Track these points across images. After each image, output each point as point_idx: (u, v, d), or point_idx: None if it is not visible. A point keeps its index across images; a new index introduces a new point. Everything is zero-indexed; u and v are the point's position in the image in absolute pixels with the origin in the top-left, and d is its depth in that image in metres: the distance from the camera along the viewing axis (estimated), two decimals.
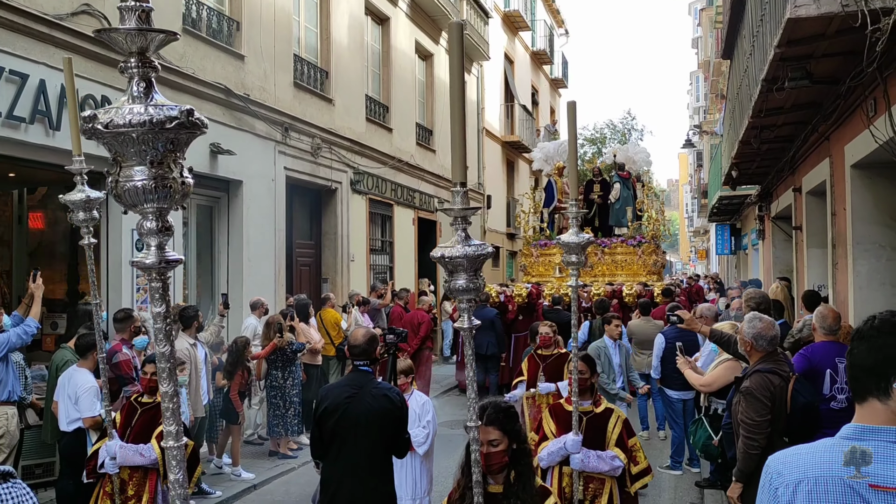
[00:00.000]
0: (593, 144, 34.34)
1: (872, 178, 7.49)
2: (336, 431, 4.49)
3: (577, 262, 4.19)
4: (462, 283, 2.35)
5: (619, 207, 16.20)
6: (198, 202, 10.67)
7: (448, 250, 2.32)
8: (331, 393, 4.68)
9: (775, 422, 4.49)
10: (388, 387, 4.77)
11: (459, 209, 2.33)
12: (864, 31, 5.21)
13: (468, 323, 2.40)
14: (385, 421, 4.49)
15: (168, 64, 9.34)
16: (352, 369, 4.83)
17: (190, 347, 7.83)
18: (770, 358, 4.63)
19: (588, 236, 4.14)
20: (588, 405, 4.80)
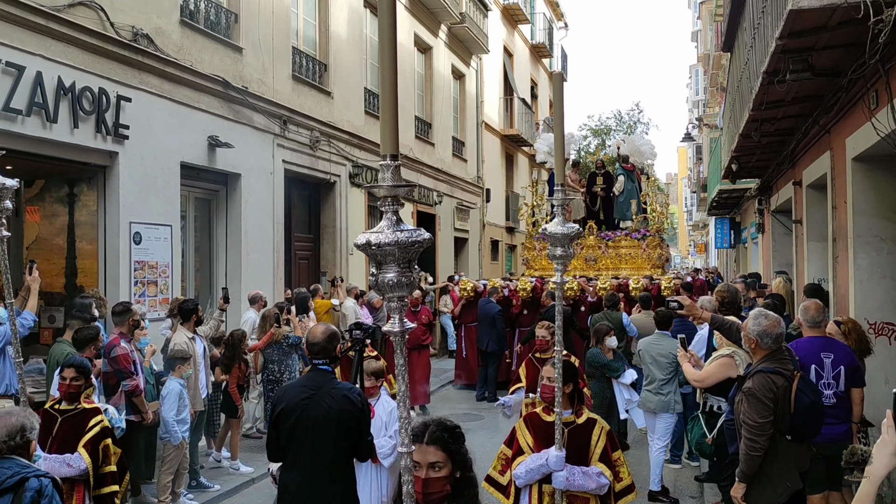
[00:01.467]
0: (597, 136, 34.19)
1: (874, 172, 7.46)
2: (293, 434, 4.24)
3: (564, 256, 3.84)
4: (392, 278, 2.02)
5: (623, 200, 16.00)
6: (196, 195, 10.64)
7: (375, 236, 1.99)
8: (287, 393, 4.41)
9: (778, 422, 4.45)
10: (347, 387, 4.48)
11: (389, 186, 2.00)
12: (866, 22, 5.18)
13: (399, 326, 2.06)
14: (344, 423, 4.22)
15: (166, 56, 9.29)
16: (310, 368, 4.58)
17: (188, 341, 7.80)
18: (774, 356, 4.56)
19: (575, 226, 3.87)
20: (569, 415, 4.43)
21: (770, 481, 4.49)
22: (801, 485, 4.49)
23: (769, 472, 4.48)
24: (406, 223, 2.04)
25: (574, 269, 14.94)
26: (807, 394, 4.41)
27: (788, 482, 4.46)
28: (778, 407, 4.44)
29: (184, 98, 9.70)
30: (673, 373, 7.72)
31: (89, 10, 8.24)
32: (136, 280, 8.92)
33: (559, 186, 3.84)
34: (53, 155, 8.18)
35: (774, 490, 4.48)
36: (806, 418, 4.42)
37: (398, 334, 2.07)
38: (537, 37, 30.13)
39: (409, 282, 2.06)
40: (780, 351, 4.61)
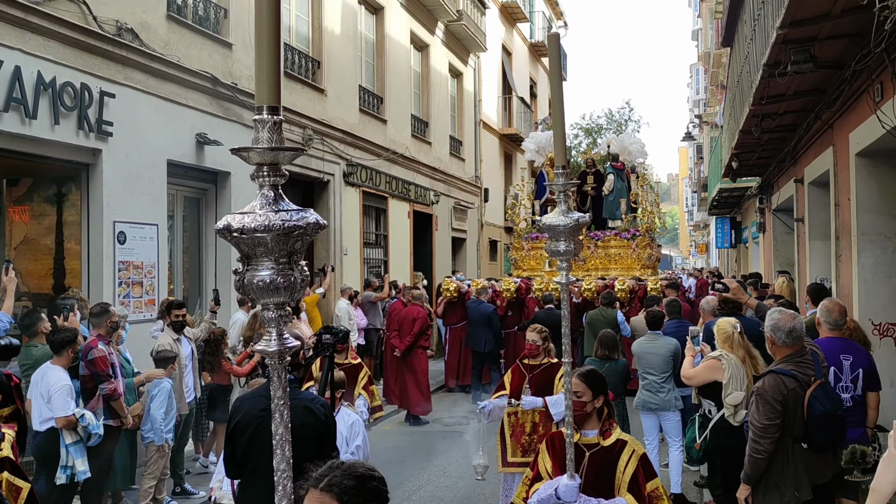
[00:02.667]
0: (588, 135, 33.97)
1: (878, 167, 7.27)
2: (250, 449, 3.92)
3: (566, 252, 3.26)
4: (265, 277, 1.54)
5: (612, 199, 15.86)
6: (184, 194, 10.42)
7: (239, 218, 1.53)
8: (244, 405, 4.08)
9: (790, 427, 4.27)
10: (310, 397, 4.15)
11: (264, 150, 1.56)
12: (871, 9, 4.97)
13: (277, 344, 1.59)
14: (306, 436, 3.91)
15: (152, 51, 9.07)
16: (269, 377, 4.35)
17: (173, 342, 7.59)
18: (793, 357, 4.38)
19: (580, 215, 3.30)
20: (594, 436, 3.85)
21: (777, 488, 4.34)
22: (810, 496, 4.27)
23: (777, 478, 4.33)
24: (288, 202, 1.58)
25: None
26: (821, 402, 4.19)
27: (797, 492, 4.28)
28: (787, 411, 4.26)
29: (170, 94, 9.48)
30: (668, 372, 7.55)
31: (71, 4, 8.02)
32: (120, 280, 8.70)
33: (560, 169, 3.30)
34: (33, 152, 7.96)
35: (782, 498, 4.33)
36: (820, 428, 4.20)
37: (275, 355, 1.59)
38: (536, 35, 29.93)
39: (291, 283, 1.55)
40: (801, 353, 4.41)
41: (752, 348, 5.79)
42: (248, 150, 1.56)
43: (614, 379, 7.02)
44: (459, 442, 10.15)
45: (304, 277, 1.62)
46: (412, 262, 17.65)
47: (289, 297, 1.58)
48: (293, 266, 1.58)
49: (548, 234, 3.34)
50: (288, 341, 1.61)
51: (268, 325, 1.61)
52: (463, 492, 8.00)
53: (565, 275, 3.37)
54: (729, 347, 5.72)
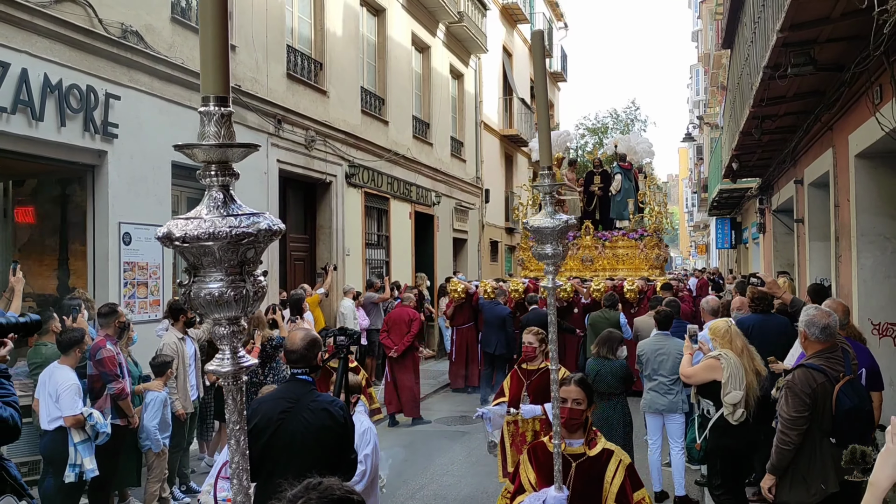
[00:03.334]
0: (594, 135, 34.03)
1: (877, 168, 7.32)
2: (267, 452, 3.83)
3: (553, 256, 3.14)
4: (214, 290, 1.39)
5: (620, 200, 15.83)
6: (188, 195, 10.47)
7: (182, 225, 1.37)
8: (261, 407, 3.97)
9: (818, 421, 4.36)
10: (329, 399, 4.06)
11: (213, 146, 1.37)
12: (870, 12, 5.03)
13: (230, 364, 1.44)
14: (325, 439, 3.84)
15: (156, 53, 9.14)
16: (288, 379, 4.17)
17: (178, 342, 7.66)
18: (824, 353, 4.47)
19: (566, 217, 3.17)
20: (579, 445, 3.72)
21: (804, 480, 4.45)
22: (836, 489, 4.37)
23: (805, 471, 4.44)
24: (240, 204, 1.44)
25: (570, 270, 14.73)
26: (849, 397, 4.29)
27: (823, 485, 4.39)
28: (816, 404, 4.36)
29: (175, 96, 9.54)
30: (677, 374, 7.52)
31: (76, 7, 8.09)
32: (125, 281, 8.76)
33: (545, 170, 3.13)
34: (40, 154, 8.02)
35: (808, 490, 4.43)
36: (849, 422, 4.29)
37: (229, 375, 1.43)
38: None
39: (242, 295, 1.39)
40: (833, 349, 4.50)
41: (747, 342, 5.85)
42: (193, 147, 1.38)
43: (612, 380, 6.90)
44: (462, 441, 10.22)
45: (258, 289, 1.46)
46: (413, 262, 17.71)
47: (241, 311, 1.42)
48: (245, 277, 1.42)
49: (534, 237, 3.22)
50: (243, 360, 1.44)
51: (220, 343, 1.43)
52: (465, 491, 8.05)
53: (552, 279, 3.23)
54: (728, 343, 5.77)
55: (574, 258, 14.97)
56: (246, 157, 1.49)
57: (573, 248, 15.10)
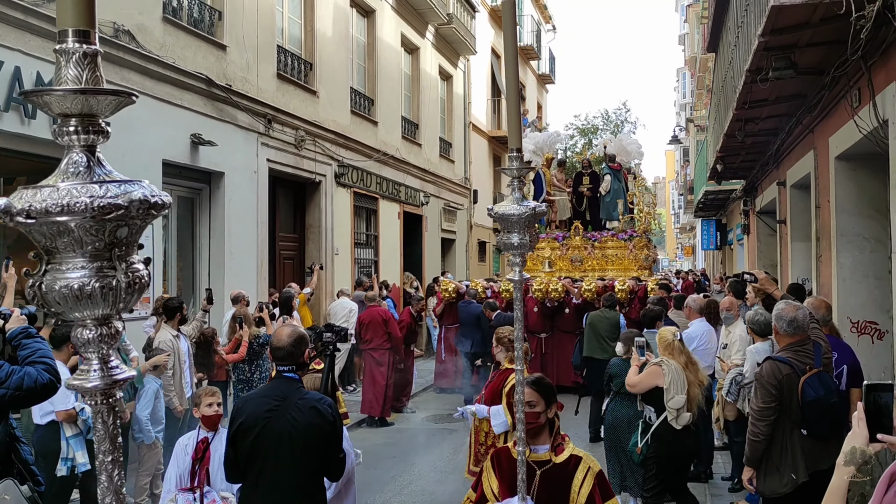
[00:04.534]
0: (584, 135, 34.18)
1: (856, 170, 7.48)
2: (254, 452, 3.74)
3: (520, 246, 2.85)
4: (72, 281, 1.07)
5: (609, 200, 15.85)
6: (179, 194, 10.54)
7: (31, 196, 1.07)
8: (247, 405, 3.89)
9: (787, 412, 4.50)
10: (317, 397, 3.95)
11: (74, 91, 1.08)
12: (848, 18, 5.18)
13: (99, 378, 1.11)
14: (313, 438, 3.75)
15: (148, 53, 9.20)
16: (274, 376, 4.07)
17: (172, 339, 7.73)
18: (793, 346, 4.61)
19: (534, 203, 2.89)
20: (545, 452, 3.47)
21: (777, 470, 4.61)
22: (806, 478, 4.53)
23: (777, 461, 4.60)
24: (111, 170, 1.14)
25: (559, 270, 14.82)
26: (814, 389, 4.41)
27: (794, 474, 4.53)
28: (783, 396, 4.50)
29: (166, 95, 9.61)
30: None
31: None
32: None
33: (514, 152, 2.88)
34: (32, 151, 8.07)
35: (780, 480, 4.59)
36: (815, 414, 4.42)
37: (97, 392, 1.11)
38: (525, 39, 30.12)
39: (112, 287, 1.07)
40: (804, 342, 4.62)
41: (692, 355, 5.99)
42: (45, 93, 1.07)
43: None
44: (449, 438, 10.32)
45: (135, 280, 1.13)
46: (402, 262, 17.81)
47: (111, 309, 1.10)
48: (116, 264, 1.10)
49: (500, 225, 2.95)
50: (116, 371, 1.13)
51: (84, 350, 1.11)
52: (452, 486, 8.14)
53: (519, 272, 2.94)
54: (669, 354, 5.88)
55: (563, 258, 15.07)
56: (119, 110, 1.18)
57: (562, 249, 15.15)
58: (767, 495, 4.80)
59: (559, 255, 15.11)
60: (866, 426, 2.35)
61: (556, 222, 16.27)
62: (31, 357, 3.77)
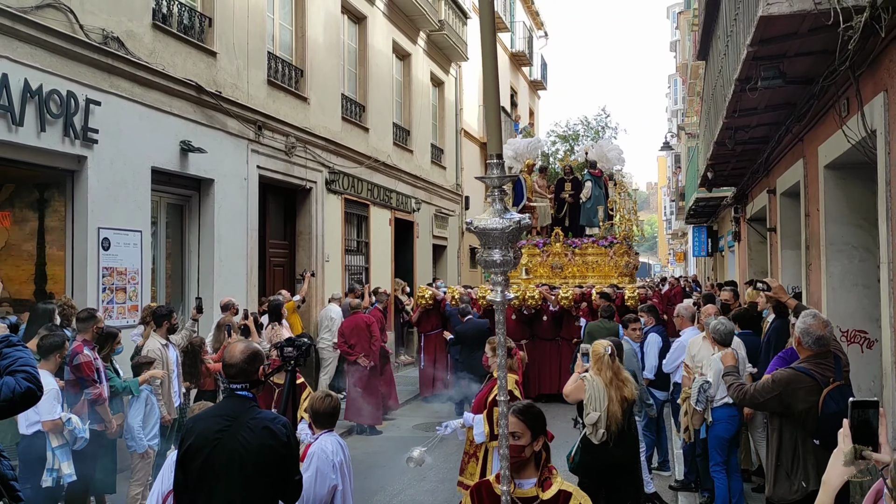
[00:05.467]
0: (565, 142, 34.22)
1: (845, 179, 7.49)
2: (204, 474, 3.54)
3: (503, 264, 2.66)
4: None
5: (590, 207, 15.82)
6: (168, 201, 10.49)
7: None
8: (197, 425, 3.68)
9: (803, 422, 4.58)
10: (270, 416, 3.73)
11: None
12: (836, 29, 5.20)
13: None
14: (266, 460, 3.56)
15: (137, 59, 9.17)
16: (226, 394, 3.85)
17: (161, 348, 7.70)
18: (814, 358, 4.63)
19: (519, 216, 2.69)
20: (531, 487, 3.20)
21: (788, 477, 4.69)
22: (817, 487, 4.50)
23: (788, 468, 4.69)
24: None
25: (539, 277, 14.76)
26: (836, 402, 4.44)
27: (804, 482, 4.61)
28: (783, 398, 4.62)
29: (155, 102, 9.57)
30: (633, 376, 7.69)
31: (58, 12, 8.11)
32: (104, 286, 8.77)
33: (494, 159, 2.68)
34: (19, 159, 8.03)
35: (790, 487, 4.67)
36: (833, 426, 4.43)
37: None
38: (517, 45, 30.19)
39: None
40: (825, 356, 4.65)
41: (622, 371, 5.94)
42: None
43: None
44: (439, 446, 10.27)
45: None
46: (393, 269, 17.78)
47: None
48: None
49: (480, 241, 2.72)
50: None
51: None
52: (442, 496, 8.12)
53: (501, 291, 2.71)
54: (597, 369, 5.87)
55: (544, 265, 15.03)
56: None
57: (542, 255, 15.11)
58: (776, 501, 4.86)
59: (539, 262, 15.07)
60: (852, 443, 2.34)
61: (537, 228, 16.28)
62: (12, 366, 3.72)
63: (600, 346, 5.97)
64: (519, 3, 30.70)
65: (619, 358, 6.75)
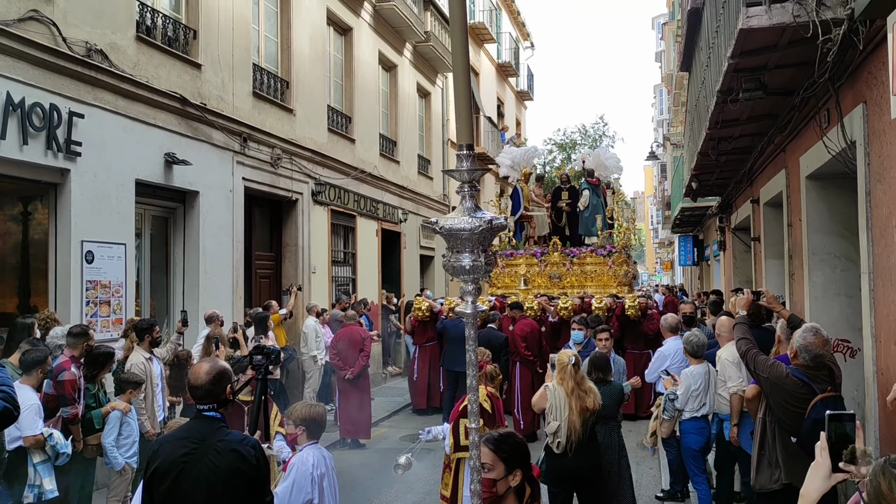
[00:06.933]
0: (563, 150, 34.33)
1: (827, 189, 7.54)
2: (171, 499, 3.46)
3: (474, 269, 2.36)
4: None
5: (588, 216, 15.72)
6: (152, 213, 10.46)
7: None
8: (163, 448, 3.59)
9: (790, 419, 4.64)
10: (238, 438, 3.62)
11: None
12: (815, 41, 5.25)
13: None
14: (235, 483, 3.46)
15: (121, 72, 9.14)
16: (194, 416, 3.76)
17: (145, 361, 7.64)
18: (809, 370, 4.68)
19: (490, 215, 2.41)
20: None
21: (770, 466, 4.85)
22: (789, 480, 4.70)
23: (772, 458, 4.84)
24: None
25: (538, 287, 14.71)
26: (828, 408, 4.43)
27: (782, 475, 4.78)
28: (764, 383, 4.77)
29: (139, 114, 9.55)
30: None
31: (40, 25, 8.08)
32: (87, 300, 8.71)
33: (464, 150, 2.38)
34: (1, 172, 7.98)
35: (771, 476, 4.81)
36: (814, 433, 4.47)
37: None
38: (503, 56, 30.32)
39: None
40: (820, 368, 4.69)
41: (585, 381, 5.94)
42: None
43: (609, 402, 6.53)
44: (426, 458, 10.25)
45: None
46: (380, 280, 17.75)
47: None
48: None
49: (447, 243, 2.44)
50: None
51: None
52: None
53: (471, 303, 2.44)
54: (560, 379, 5.88)
55: (542, 275, 14.96)
56: None
57: (541, 265, 15.03)
58: (758, 490, 4.98)
59: (537, 272, 15.00)
60: (829, 456, 2.35)
61: (534, 238, 16.22)
62: None
63: (564, 356, 5.97)
64: (505, 14, 30.85)
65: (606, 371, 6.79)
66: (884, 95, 4.93)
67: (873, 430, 5.54)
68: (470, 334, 2.51)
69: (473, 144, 2.43)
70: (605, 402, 6.46)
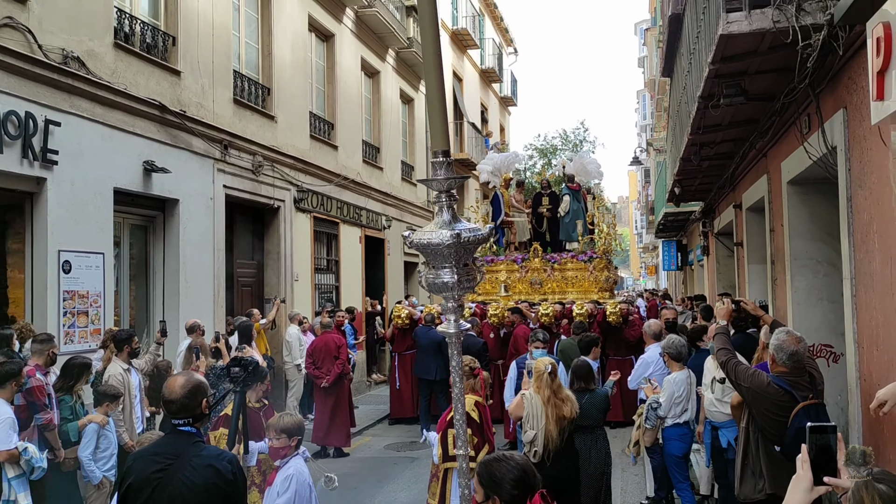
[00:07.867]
0: (543, 156, 34.34)
1: (808, 194, 7.54)
2: None
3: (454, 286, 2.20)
4: None
5: (569, 221, 15.61)
6: (131, 222, 10.33)
7: None
8: (136, 464, 3.48)
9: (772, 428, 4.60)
10: (215, 453, 3.56)
11: None
12: (795, 47, 5.24)
13: None
14: (210, 500, 3.38)
15: (98, 79, 9.03)
16: (169, 431, 3.66)
17: (123, 373, 7.53)
18: (789, 375, 4.63)
19: (472, 226, 2.26)
20: None
21: (753, 475, 4.81)
22: (773, 490, 4.67)
23: (755, 468, 4.81)
24: None
25: (518, 294, 14.64)
26: (810, 417, 4.41)
27: (766, 484, 4.74)
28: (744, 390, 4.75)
29: (117, 122, 9.44)
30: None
31: (16, 32, 7.97)
32: (65, 310, 8.58)
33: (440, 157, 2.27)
34: None
35: (755, 486, 4.78)
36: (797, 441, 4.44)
37: None
38: (487, 62, 30.33)
39: None
40: (799, 373, 4.66)
41: (562, 390, 5.88)
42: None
43: (594, 412, 6.51)
44: (411, 466, 10.18)
45: None
46: (364, 287, 17.66)
47: None
48: None
49: (423, 258, 2.29)
50: None
51: None
52: None
53: (455, 321, 2.30)
54: (536, 388, 5.83)
55: (523, 281, 14.87)
56: None
57: (521, 271, 14.95)
58: (742, 500, 4.93)
59: (518, 278, 14.90)
60: (811, 469, 2.31)
61: (515, 244, 16.16)
62: None
63: (541, 364, 5.91)
64: (488, 20, 30.89)
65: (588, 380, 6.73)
66: (864, 101, 4.91)
67: (857, 437, 5.52)
68: (452, 354, 2.35)
69: (450, 151, 2.27)
70: (589, 412, 6.43)
